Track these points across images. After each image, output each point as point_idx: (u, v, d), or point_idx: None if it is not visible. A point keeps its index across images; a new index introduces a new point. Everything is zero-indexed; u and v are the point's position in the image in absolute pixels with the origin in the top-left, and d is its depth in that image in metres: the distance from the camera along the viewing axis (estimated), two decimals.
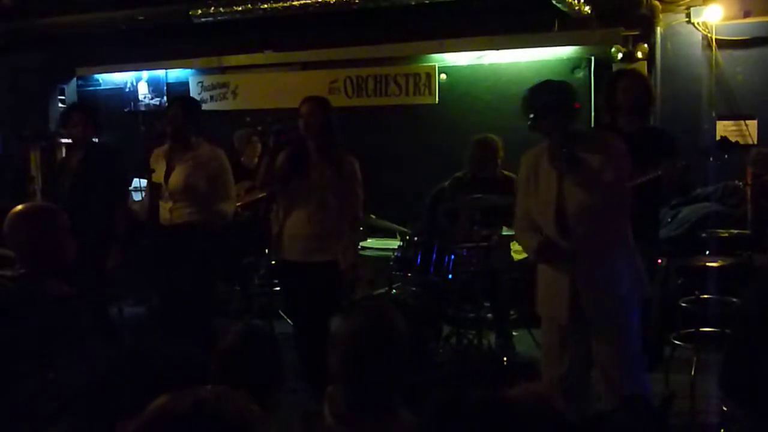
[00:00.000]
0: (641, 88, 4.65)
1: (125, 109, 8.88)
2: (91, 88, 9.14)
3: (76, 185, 5.11)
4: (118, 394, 2.04)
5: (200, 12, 7.32)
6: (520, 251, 6.57)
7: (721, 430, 4.06)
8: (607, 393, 3.56)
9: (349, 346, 2.23)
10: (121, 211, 5.21)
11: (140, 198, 6.82)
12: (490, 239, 5.42)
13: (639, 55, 6.63)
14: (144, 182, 5.34)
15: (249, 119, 6.80)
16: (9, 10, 8.17)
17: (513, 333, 5.70)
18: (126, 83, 8.97)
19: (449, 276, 5.37)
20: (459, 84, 7.56)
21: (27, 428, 2.43)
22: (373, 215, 6.39)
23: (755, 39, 6.46)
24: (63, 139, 5.43)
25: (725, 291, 4.82)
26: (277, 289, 5.98)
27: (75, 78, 8.99)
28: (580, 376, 3.66)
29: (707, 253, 5.14)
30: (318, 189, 4.55)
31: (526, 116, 3.54)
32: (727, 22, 6.47)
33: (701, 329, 4.74)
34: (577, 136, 3.52)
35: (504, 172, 5.70)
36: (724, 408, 4.09)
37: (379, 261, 6.46)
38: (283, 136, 4.62)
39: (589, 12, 6.56)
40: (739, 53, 6.52)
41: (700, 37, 6.59)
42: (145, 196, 5.34)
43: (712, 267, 4.85)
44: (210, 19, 7.36)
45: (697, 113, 6.58)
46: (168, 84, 8.80)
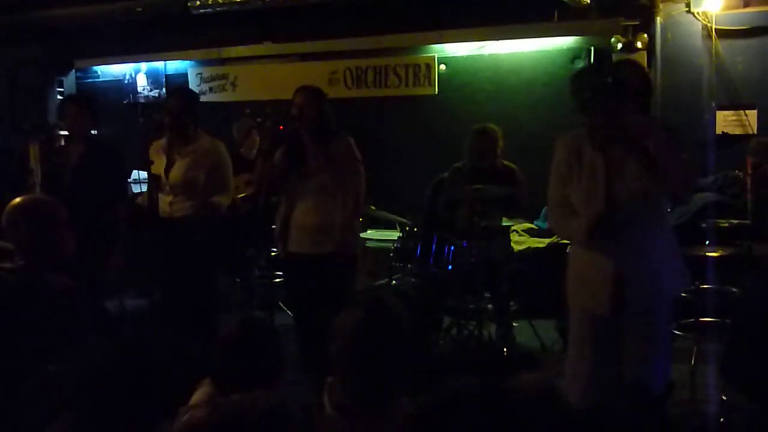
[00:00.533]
0: (639, 79, 4.63)
1: (124, 101, 8.88)
2: (89, 80, 9.14)
3: (76, 180, 5.09)
4: (119, 387, 2.05)
5: (198, 3, 7.31)
6: (520, 242, 6.59)
7: (721, 420, 4.06)
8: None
9: (349, 338, 2.23)
10: (122, 204, 5.20)
11: (139, 190, 6.82)
12: (491, 230, 5.42)
13: (639, 45, 6.61)
14: (143, 174, 5.32)
15: (248, 111, 6.78)
16: (7, 3, 8.15)
17: (513, 324, 5.70)
18: (125, 75, 8.97)
19: (449, 267, 5.37)
20: (459, 75, 7.55)
21: (27, 422, 2.43)
22: (373, 206, 6.39)
23: (755, 29, 6.44)
24: (61, 132, 5.42)
25: (725, 281, 4.82)
26: (277, 280, 5.98)
27: (74, 70, 8.98)
28: (609, 370, 3.44)
29: (707, 242, 5.13)
30: (318, 179, 4.54)
31: (580, 97, 3.34)
32: (727, 12, 6.45)
33: (701, 319, 4.74)
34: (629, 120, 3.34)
35: (504, 162, 5.69)
36: (724, 397, 4.10)
37: (380, 252, 6.46)
38: (281, 127, 4.61)
39: (589, 2, 6.55)
40: (739, 43, 6.50)
41: (700, 27, 6.57)
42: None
43: (711, 257, 4.83)
44: (209, 10, 7.34)
45: (697, 103, 6.57)
46: (167, 76, 8.79)
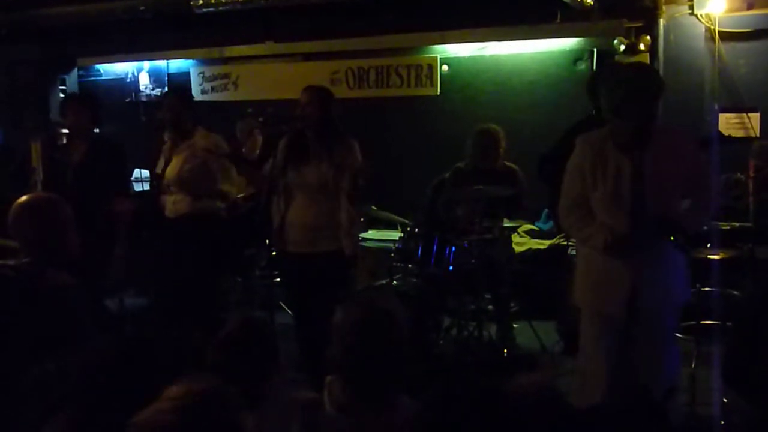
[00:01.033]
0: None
1: (126, 100, 8.90)
2: (92, 78, 9.15)
3: (78, 178, 5.09)
4: (118, 384, 2.04)
5: (201, 2, 7.30)
6: (521, 243, 6.59)
7: (722, 422, 4.05)
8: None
9: (349, 337, 2.22)
10: (121, 198, 5.19)
11: (141, 189, 6.83)
12: (492, 231, 5.41)
13: (642, 47, 6.60)
14: (145, 173, 5.33)
15: (250, 110, 6.79)
16: (9, 1, 8.14)
17: (513, 325, 5.69)
18: (127, 74, 8.98)
19: (450, 267, 5.35)
20: (461, 75, 7.54)
21: (26, 418, 2.43)
22: (374, 206, 6.39)
23: (758, 31, 6.43)
24: (63, 130, 5.43)
25: (727, 283, 4.81)
26: (277, 280, 5.99)
27: (76, 68, 8.99)
28: (622, 371, 3.47)
29: (709, 245, 5.12)
30: (319, 178, 4.54)
31: (610, 98, 3.34)
32: (730, 14, 6.43)
33: (702, 322, 4.73)
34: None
35: (505, 162, 5.68)
36: (725, 400, 4.09)
37: (380, 252, 6.46)
38: (283, 125, 4.62)
39: (592, 3, 6.53)
40: (742, 45, 6.49)
41: (703, 29, 6.56)
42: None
43: (713, 259, 4.84)
44: (211, 9, 7.34)
45: (699, 106, 6.55)
46: (169, 74, 8.80)
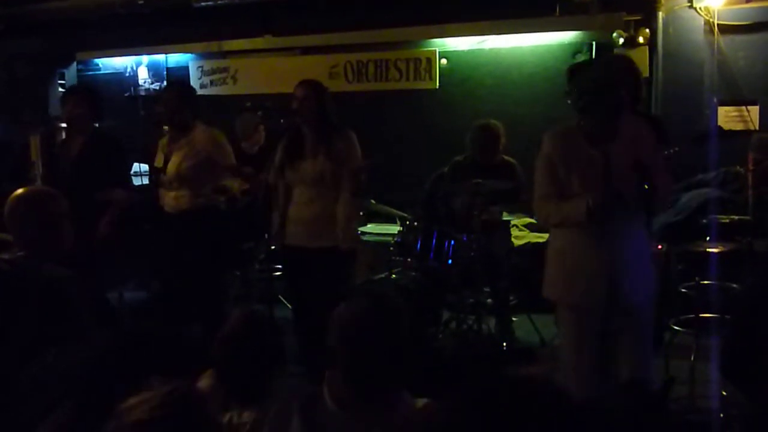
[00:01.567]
0: (631, 75, 4.60)
1: (125, 94, 8.87)
2: (91, 72, 9.13)
3: (77, 172, 5.09)
4: (117, 377, 2.05)
5: None
6: (520, 237, 6.59)
7: (721, 415, 4.06)
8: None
9: (349, 331, 2.22)
10: (120, 190, 5.17)
11: (140, 183, 6.82)
12: (493, 215, 5.42)
13: (640, 40, 6.59)
14: (144, 167, 5.33)
15: (249, 104, 6.77)
16: None
17: (513, 318, 5.70)
18: (126, 68, 8.96)
19: (449, 261, 5.36)
20: (460, 69, 7.53)
21: (26, 411, 2.43)
22: (373, 200, 6.39)
23: (757, 24, 6.42)
24: (62, 124, 5.43)
25: (725, 277, 4.81)
26: (276, 274, 5.99)
27: (75, 63, 8.97)
28: (604, 364, 3.48)
29: (708, 238, 5.12)
30: (317, 172, 4.54)
31: (575, 98, 3.35)
32: (729, 7, 6.42)
33: (701, 315, 4.74)
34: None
35: (504, 156, 5.68)
36: (724, 393, 4.10)
37: (379, 246, 6.46)
38: (282, 120, 4.62)
39: None
40: (741, 38, 6.48)
41: (702, 22, 6.55)
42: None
43: (712, 253, 4.83)
44: (210, 3, 7.33)
45: (698, 98, 6.55)
46: (168, 69, 8.78)
